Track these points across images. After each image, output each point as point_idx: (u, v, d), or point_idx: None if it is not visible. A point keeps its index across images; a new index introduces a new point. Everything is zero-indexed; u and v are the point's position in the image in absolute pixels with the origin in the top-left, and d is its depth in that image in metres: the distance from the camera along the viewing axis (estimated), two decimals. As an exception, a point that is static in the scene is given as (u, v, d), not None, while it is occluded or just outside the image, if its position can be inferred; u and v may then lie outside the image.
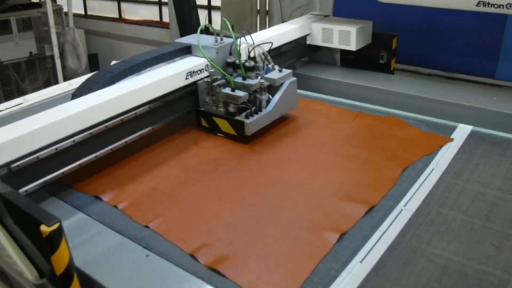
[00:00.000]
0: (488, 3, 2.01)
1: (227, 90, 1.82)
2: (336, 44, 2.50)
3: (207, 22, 5.44)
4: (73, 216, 1.44)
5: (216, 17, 5.54)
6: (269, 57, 2.01)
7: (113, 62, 2.88)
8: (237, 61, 1.91)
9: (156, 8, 6.08)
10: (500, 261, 1.22)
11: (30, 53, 4.86)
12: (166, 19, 5.68)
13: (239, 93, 1.80)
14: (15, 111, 2.30)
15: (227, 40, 1.98)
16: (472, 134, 1.91)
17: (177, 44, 2.05)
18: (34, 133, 1.41)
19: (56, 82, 4.84)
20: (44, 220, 0.99)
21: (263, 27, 4.79)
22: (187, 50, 2.04)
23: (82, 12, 6.76)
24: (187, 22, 4.63)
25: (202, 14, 5.28)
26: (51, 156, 1.49)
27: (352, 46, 2.44)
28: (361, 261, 1.22)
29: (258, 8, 4.76)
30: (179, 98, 1.93)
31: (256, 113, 1.84)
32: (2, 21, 4.63)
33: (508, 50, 2.70)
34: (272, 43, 2.15)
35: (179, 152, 1.80)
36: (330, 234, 1.32)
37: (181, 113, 1.96)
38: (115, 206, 1.48)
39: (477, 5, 2.03)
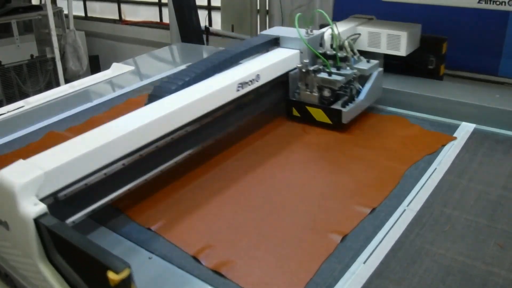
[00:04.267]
0: (490, 0, 1.99)
1: (324, 75, 1.89)
2: (383, 49, 2.33)
3: (207, 23, 5.44)
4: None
5: (216, 17, 5.54)
6: (355, 49, 2.06)
7: (114, 64, 2.90)
8: (328, 52, 1.98)
9: (156, 9, 6.08)
10: (505, 260, 1.21)
11: (31, 55, 4.87)
12: (166, 20, 5.68)
13: (336, 77, 1.86)
14: (16, 114, 2.31)
15: (317, 32, 2.06)
16: (475, 133, 1.90)
17: (264, 36, 2.10)
18: (84, 157, 1.25)
19: (57, 84, 4.85)
20: (111, 265, 0.85)
21: (263, 27, 4.79)
22: (275, 42, 2.08)
23: (83, 14, 6.78)
24: (187, 22, 4.63)
25: (202, 15, 5.29)
26: (100, 182, 1.32)
27: (402, 52, 2.27)
28: (364, 262, 1.21)
29: (258, 7, 4.75)
30: (267, 90, 1.95)
31: (351, 102, 1.90)
32: (3, 24, 4.64)
33: (511, 47, 2.68)
34: (360, 34, 2.23)
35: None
36: (333, 235, 1.32)
37: (269, 106, 1.99)
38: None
39: (479, 2, 2.01)
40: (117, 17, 6.41)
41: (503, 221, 1.36)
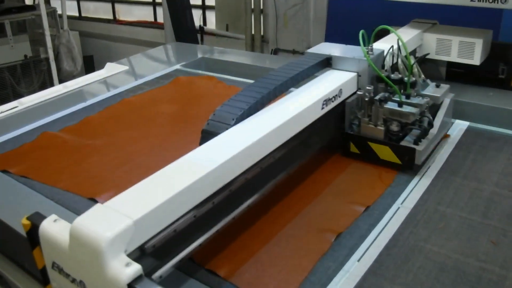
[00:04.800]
0: (484, -2, 1.97)
1: (393, 106, 1.55)
2: (454, 57, 2.15)
3: (201, 22, 5.43)
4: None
5: (211, 16, 5.53)
6: (420, 70, 1.75)
7: (108, 64, 2.89)
8: (393, 76, 1.63)
9: (151, 8, 6.07)
10: (498, 257, 1.22)
11: (25, 56, 4.85)
12: (160, 19, 5.67)
13: (409, 108, 1.52)
14: (10, 115, 2.30)
15: (377, 51, 1.70)
16: (468, 130, 1.91)
17: (314, 56, 1.73)
18: (174, 199, 1.04)
19: (51, 84, 4.83)
20: None
21: (257, 26, 4.79)
22: (327, 63, 1.73)
23: (76, 14, 6.76)
24: (182, 22, 4.63)
25: (197, 14, 5.28)
26: (188, 227, 1.12)
27: (476, 60, 2.09)
28: (358, 260, 1.22)
29: (253, 7, 4.75)
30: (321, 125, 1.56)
31: (424, 137, 1.57)
32: (-4, 24, 4.61)
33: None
34: (429, 53, 1.91)
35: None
36: (327, 233, 1.32)
37: (325, 142, 1.63)
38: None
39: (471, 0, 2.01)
40: (111, 17, 6.39)
41: (496, 218, 1.37)
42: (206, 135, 1.28)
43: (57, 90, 2.57)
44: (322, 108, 1.50)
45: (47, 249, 1.00)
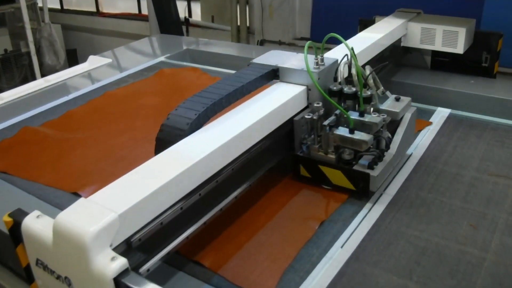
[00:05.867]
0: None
1: (343, 132, 1.35)
2: (438, 46, 2.17)
3: (187, 14, 5.37)
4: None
5: (196, 8, 5.48)
6: (378, 81, 1.53)
7: (91, 57, 2.84)
8: (346, 89, 1.44)
9: (135, 0, 5.97)
10: (477, 240, 1.24)
11: (5, 50, 4.75)
12: (145, 11, 5.59)
13: (361, 135, 1.33)
14: (-10, 110, 2.25)
15: (329, 61, 1.50)
16: (450, 117, 1.94)
17: (259, 67, 1.54)
18: (160, 191, 1.02)
19: (34, 79, 4.73)
20: None
21: (243, 17, 4.76)
22: (273, 75, 1.54)
23: (58, 7, 6.62)
24: (166, 14, 4.57)
25: (181, 6, 5.22)
26: (175, 219, 1.11)
27: (459, 49, 2.11)
28: (341, 247, 1.23)
29: (238, -2, 4.71)
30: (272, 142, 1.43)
31: (380, 160, 1.40)
32: (-26, 18, 4.50)
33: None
34: (387, 63, 1.67)
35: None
36: (310, 221, 1.33)
37: (273, 162, 1.48)
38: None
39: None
40: (94, 9, 6.28)
41: (476, 203, 1.39)
42: (161, 144, 1.24)
43: (38, 84, 2.53)
44: (263, 128, 1.36)
45: (31, 246, 0.99)
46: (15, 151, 1.81)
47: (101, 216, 0.90)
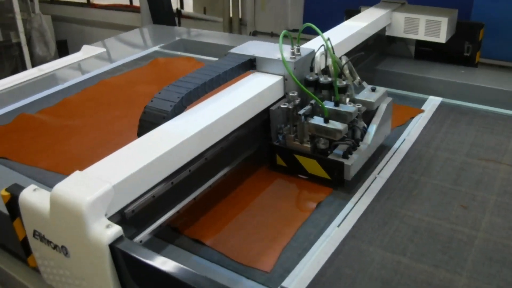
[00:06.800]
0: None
1: (318, 121, 1.36)
2: (421, 35, 2.22)
3: (179, 5, 5.35)
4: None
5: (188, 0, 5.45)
6: (354, 71, 1.53)
7: (85, 46, 2.83)
8: (322, 80, 1.45)
9: (126, -9, 5.91)
10: (468, 219, 1.29)
11: (-5, 40, 4.68)
12: (136, 2, 5.55)
13: (336, 124, 1.34)
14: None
15: (305, 51, 1.51)
16: (441, 106, 1.98)
17: (237, 57, 1.55)
18: (155, 164, 1.08)
19: (24, 70, 4.68)
20: None
21: (235, 9, 4.76)
22: (250, 65, 1.56)
23: (48, -2, 6.50)
24: (158, 5, 4.55)
25: (174, -3, 5.18)
26: (167, 193, 1.16)
27: (442, 38, 2.17)
28: (338, 226, 1.27)
29: (230, -11, 4.71)
30: (246, 131, 1.45)
31: (354, 149, 1.42)
32: (-37, 7, 4.43)
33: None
34: (363, 53, 1.67)
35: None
36: (307, 202, 1.37)
37: (251, 151, 1.51)
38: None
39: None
40: (85, 0, 6.20)
41: (466, 185, 1.44)
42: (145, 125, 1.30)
43: (32, 73, 2.51)
44: (240, 116, 1.37)
45: (28, 218, 1.02)
46: (12, 137, 1.81)
47: (96, 186, 0.94)
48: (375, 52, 2.34)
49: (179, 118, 1.28)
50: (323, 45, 1.48)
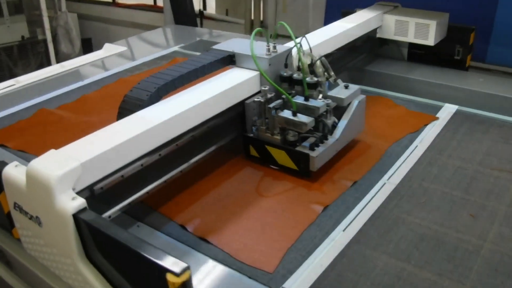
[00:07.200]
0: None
1: (287, 114, 1.46)
2: (411, 38, 2.28)
3: (201, 6, 5.42)
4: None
5: (210, 1, 5.51)
6: (330, 69, 1.62)
7: (106, 44, 2.90)
8: (296, 76, 1.55)
9: (150, -8, 6.02)
10: (476, 229, 1.28)
11: (22, 37, 4.83)
12: (160, 3, 5.64)
13: (303, 118, 1.43)
14: (7, 92, 2.33)
15: (281, 48, 1.61)
16: (457, 113, 1.96)
17: (217, 52, 1.66)
18: (122, 146, 1.18)
19: (49, 66, 4.82)
20: (171, 267, 0.79)
21: (257, 11, 4.79)
22: (229, 60, 1.66)
23: (75, -4, 6.68)
24: (181, 6, 4.62)
25: (196, -2, 5.25)
26: (136, 174, 1.27)
27: (430, 41, 2.23)
28: (343, 230, 1.27)
29: (252, -9, 4.73)
30: (223, 122, 1.56)
31: (322, 142, 1.50)
32: (-7, 4, 4.59)
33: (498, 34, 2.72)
34: (335, 52, 1.78)
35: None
36: (315, 205, 1.37)
37: (226, 141, 1.61)
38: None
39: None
40: (110, 0, 6.35)
41: (477, 194, 1.42)
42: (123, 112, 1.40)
43: (54, 69, 2.60)
44: (213, 107, 1.46)
45: (9, 191, 1.12)
46: (31, 132, 1.88)
47: (65, 163, 1.05)
48: (365, 53, 2.43)
49: (154, 106, 1.38)
50: (298, 43, 1.56)
